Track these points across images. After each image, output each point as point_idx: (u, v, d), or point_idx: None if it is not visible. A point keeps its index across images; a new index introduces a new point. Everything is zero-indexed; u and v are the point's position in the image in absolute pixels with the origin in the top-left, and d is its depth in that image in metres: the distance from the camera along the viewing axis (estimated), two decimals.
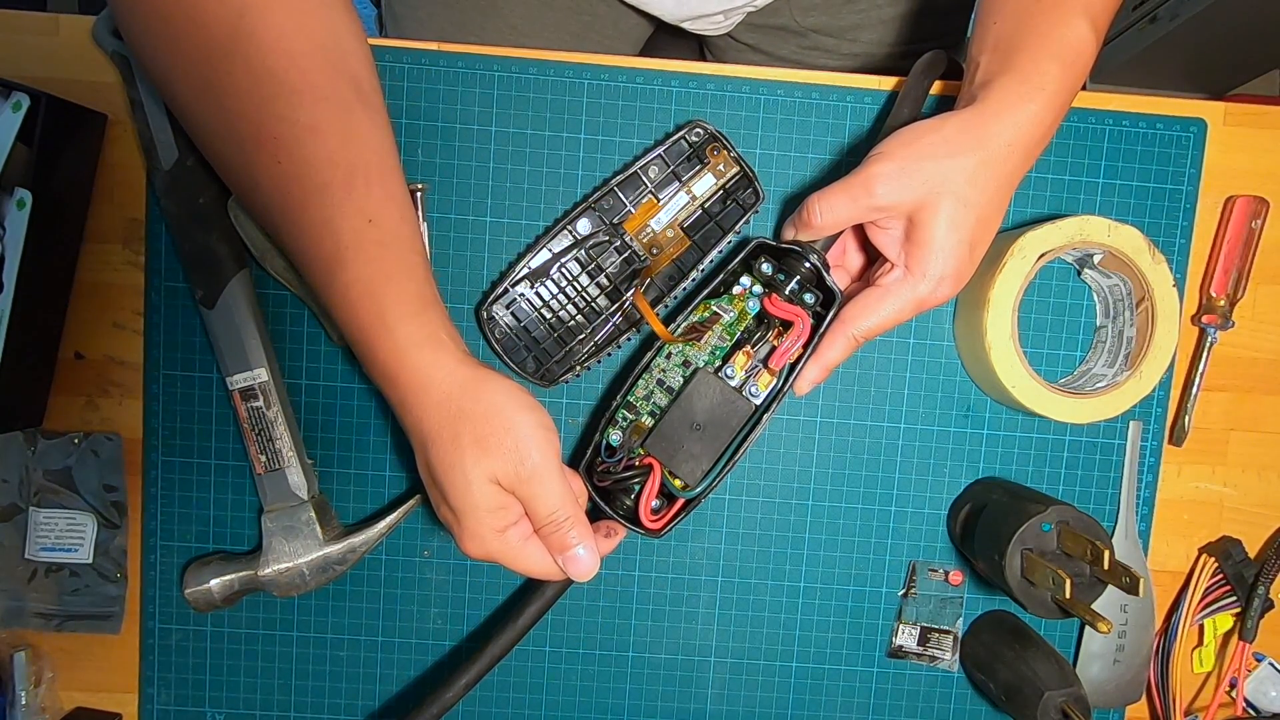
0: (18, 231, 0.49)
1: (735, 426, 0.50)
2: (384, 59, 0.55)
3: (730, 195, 0.55)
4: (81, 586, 0.57)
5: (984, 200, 0.46)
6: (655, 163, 0.54)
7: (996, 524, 0.52)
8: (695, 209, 0.55)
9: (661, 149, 0.54)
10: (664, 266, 0.55)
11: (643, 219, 0.54)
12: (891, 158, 0.46)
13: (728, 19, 0.70)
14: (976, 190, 0.45)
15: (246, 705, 0.58)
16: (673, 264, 0.55)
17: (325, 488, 0.57)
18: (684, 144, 0.54)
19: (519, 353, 0.55)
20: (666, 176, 0.54)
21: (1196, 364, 0.59)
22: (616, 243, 0.54)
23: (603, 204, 0.54)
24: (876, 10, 0.71)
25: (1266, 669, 0.61)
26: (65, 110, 0.52)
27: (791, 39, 0.73)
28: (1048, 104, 0.45)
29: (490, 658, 0.51)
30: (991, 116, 0.45)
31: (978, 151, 0.45)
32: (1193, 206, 0.58)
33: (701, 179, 0.54)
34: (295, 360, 0.57)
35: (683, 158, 0.54)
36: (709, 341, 0.52)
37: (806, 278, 0.50)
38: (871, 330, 0.49)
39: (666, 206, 0.54)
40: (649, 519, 0.50)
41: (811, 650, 0.60)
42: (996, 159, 0.45)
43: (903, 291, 0.47)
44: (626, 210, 0.54)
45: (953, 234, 0.46)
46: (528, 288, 0.55)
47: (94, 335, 0.57)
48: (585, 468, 0.51)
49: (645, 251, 0.54)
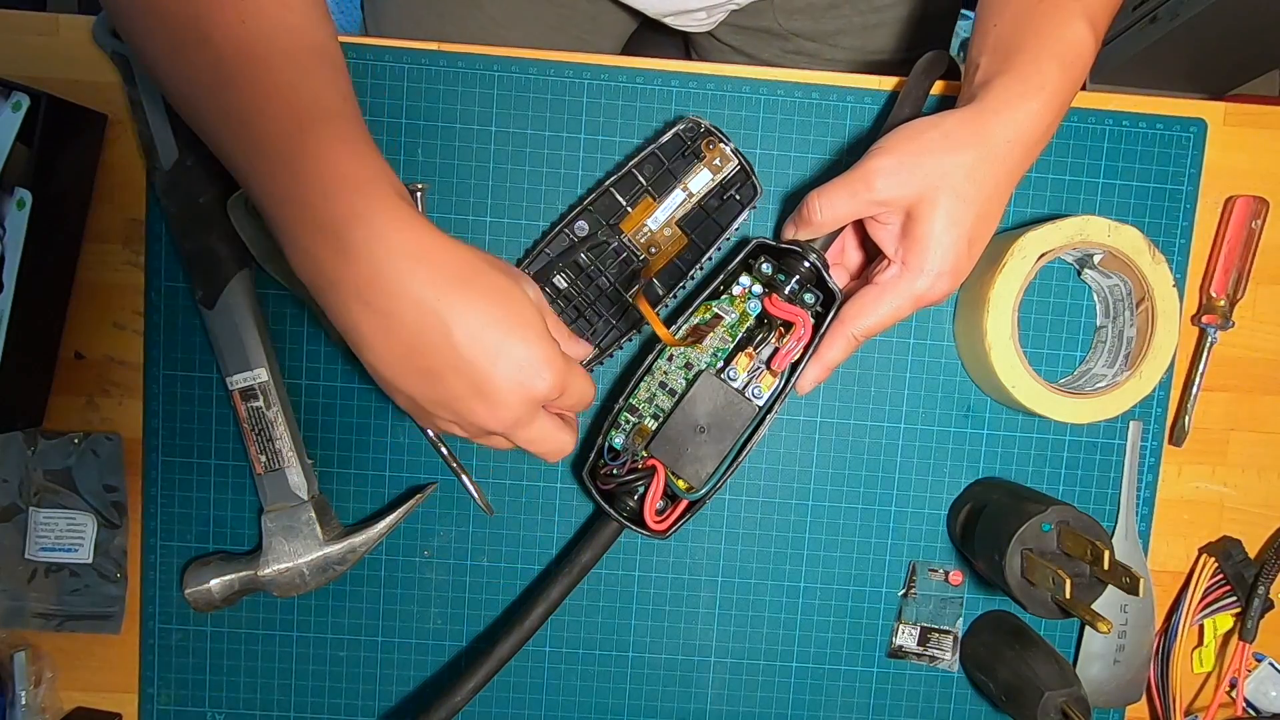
0: (18, 231, 0.49)
1: (739, 428, 0.51)
2: (384, 59, 0.55)
3: (727, 190, 0.54)
4: (81, 586, 0.57)
5: (983, 197, 0.46)
6: (650, 160, 0.53)
7: (996, 524, 0.52)
8: (692, 206, 0.54)
9: (655, 145, 0.53)
10: (663, 265, 0.55)
11: (640, 218, 0.54)
12: (891, 153, 0.46)
13: (710, 16, 0.70)
14: (975, 186, 0.45)
15: (246, 705, 0.58)
16: (672, 263, 0.55)
17: (325, 488, 0.57)
18: (678, 139, 0.53)
19: None
20: (662, 174, 0.54)
21: (1196, 364, 0.59)
22: (614, 243, 0.54)
23: (599, 205, 0.54)
24: (859, 17, 0.71)
25: (1266, 669, 0.61)
26: (65, 110, 0.52)
27: (774, 41, 0.73)
28: (1047, 103, 0.45)
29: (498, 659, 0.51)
30: (991, 114, 0.45)
31: (977, 148, 0.45)
32: (1193, 206, 0.58)
33: (698, 175, 0.54)
34: (295, 360, 0.57)
35: (677, 154, 0.54)
36: (711, 343, 0.52)
37: (806, 277, 0.50)
38: (870, 329, 0.49)
39: (663, 204, 0.54)
40: (654, 520, 0.51)
41: (811, 650, 0.60)
42: (996, 156, 0.45)
43: (900, 287, 0.47)
44: (623, 210, 0.54)
45: (951, 229, 0.46)
46: None
47: (94, 335, 0.57)
48: (589, 471, 0.51)
49: (643, 251, 0.54)
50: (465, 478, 0.55)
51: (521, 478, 0.58)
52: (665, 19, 0.70)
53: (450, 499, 0.58)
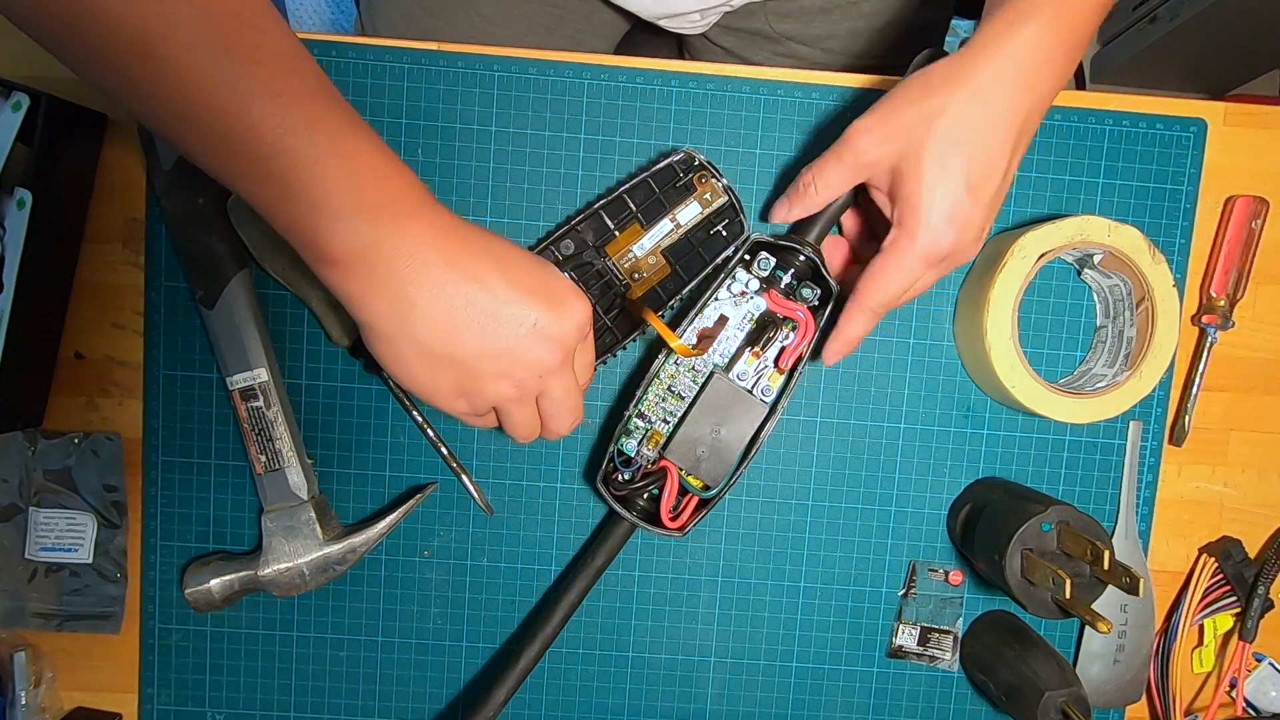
0: (18, 231, 0.49)
1: (750, 428, 0.51)
2: (383, 59, 0.55)
3: (715, 225, 0.53)
4: (81, 586, 0.57)
5: (975, 138, 0.43)
6: (641, 187, 0.53)
7: (996, 524, 0.52)
8: (679, 236, 0.53)
9: (647, 173, 0.53)
10: (644, 292, 0.54)
11: (626, 243, 0.53)
12: (872, 111, 0.45)
13: (704, 18, 0.71)
14: (964, 128, 0.43)
15: (246, 705, 0.58)
16: (653, 290, 0.54)
17: (325, 488, 0.57)
18: (671, 170, 0.53)
19: None
20: (652, 202, 0.53)
21: (1196, 364, 0.59)
22: (598, 265, 0.53)
23: (587, 225, 0.53)
24: (849, 22, 0.71)
25: (1266, 669, 0.61)
26: (65, 110, 0.52)
27: (766, 44, 0.74)
28: (1046, 27, 0.42)
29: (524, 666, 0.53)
30: (973, 56, 0.43)
31: (962, 88, 0.43)
32: (1193, 206, 0.58)
33: (687, 207, 0.53)
34: (295, 360, 0.57)
35: (669, 184, 0.53)
36: (717, 346, 0.52)
37: (803, 272, 0.51)
38: (887, 300, 0.46)
39: (650, 232, 0.53)
40: (670, 520, 0.52)
41: (811, 650, 0.60)
42: (982, 93, 0.43)
43: (903, 250, 0.45)
44: (610, 233, 0.53)
45: (943, 178, 0.43)
46: None
47: (94, 335, 0.57)
48: (602, 478, 0.52)
49: (626, 276, 0.53)
50: (465, 478, 0.55)
51: (521, 478, 0.58)
52: (659, 21, 0.70)
53: (450, 499, 0.58)
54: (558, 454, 0.58)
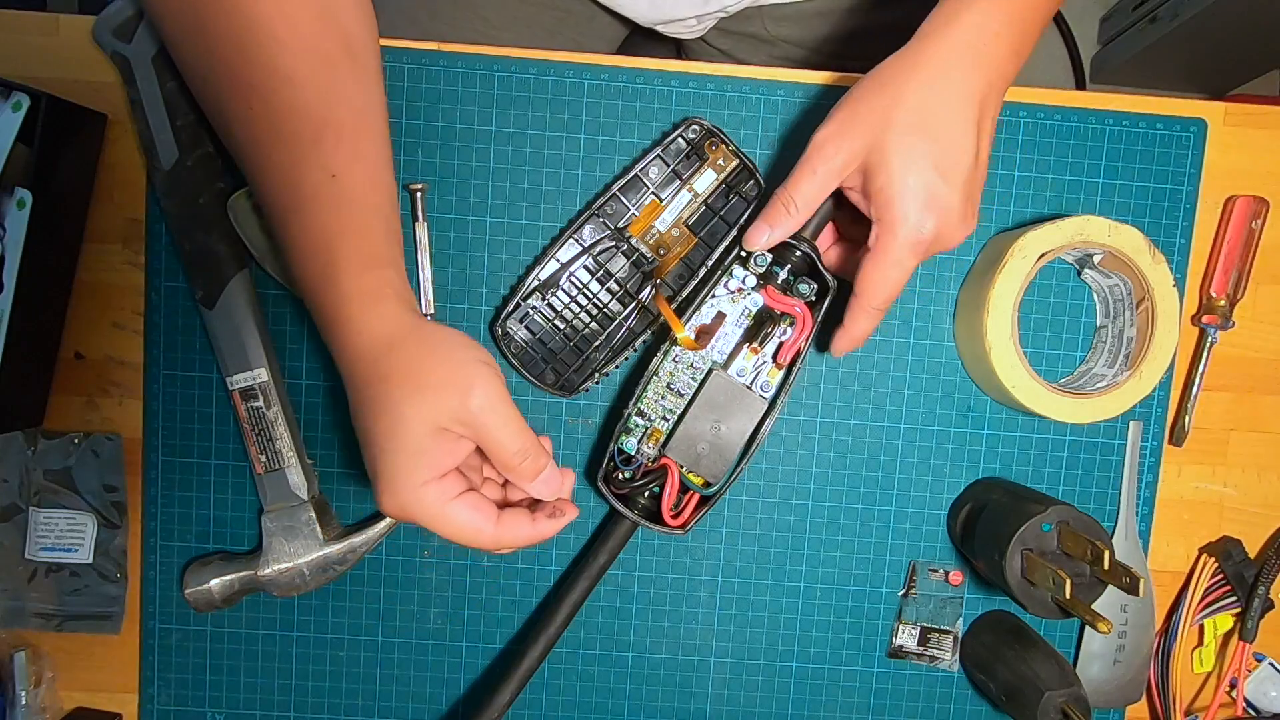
0: (18, 231, 0.49)
1: (750, 423, 0.52)
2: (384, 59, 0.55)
3: (732, 189, 0.55)
4: (81, 586, 0.57)
5: (935, 122, 0.43)
6: (654, 163, 0.54)
7: (996, 524, 0.52)
8: (699, 206, 0.55)
9: (659, 149, 0.54)
10: (673, 266, 0.55)
11: (647, 220, 0.54)
12: (831, 118, 0.46)
13: (700, 23, 0.71)
14: (923, 114, 0.43)
15: (246, 705, 0.58)
16: (681, 262, 0.55)
17: (325, 488, 0.57)
18: (681, 142, 0.54)
19: (537, 366, 0.55)
20: (667, 176, 0.54)
21: (1196, 364, 0.59)
22: (624, 246, 0.54)
23: (606, 209, 0.54)
24: (846, 26, 0.71)
25: (1266, 669, 0.61)
26: (65, 110, 0.52)
27: (762, 47, 0.74)
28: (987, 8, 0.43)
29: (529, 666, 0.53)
30: (920, 45, 0.44)
31: (912, 79, 0.44)
32: (1193, 206, 0.58)
33: (702, 175, 0.54)
34: (295, 360, 0.57)
35: (681, 156, 0.54)
36: (716, 342, 0.52)
37: (798, 268, 0.51)
38: (886, 299, 0.47)
39: (670, 206, 0.54)
40: (671, 517, 0.52)
41: (811, 650, 0.60)
42: (935, 78, 0.43)
43: (887, 246, 0.45)
44: (630, 214, 0.54)
45: (910, 166, 0.43)
46: (539, 300, 0.55)
47: (94, 335, 0.57)
48: (602, 477, 0.52)
49: (653, 253, 0.55)
50: None
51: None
52: (657, 26, 0.70)
53: None
54: (558, 454, 0.58)
